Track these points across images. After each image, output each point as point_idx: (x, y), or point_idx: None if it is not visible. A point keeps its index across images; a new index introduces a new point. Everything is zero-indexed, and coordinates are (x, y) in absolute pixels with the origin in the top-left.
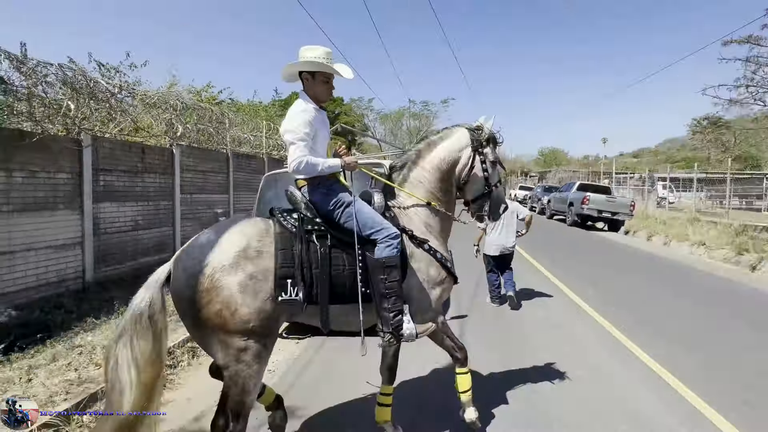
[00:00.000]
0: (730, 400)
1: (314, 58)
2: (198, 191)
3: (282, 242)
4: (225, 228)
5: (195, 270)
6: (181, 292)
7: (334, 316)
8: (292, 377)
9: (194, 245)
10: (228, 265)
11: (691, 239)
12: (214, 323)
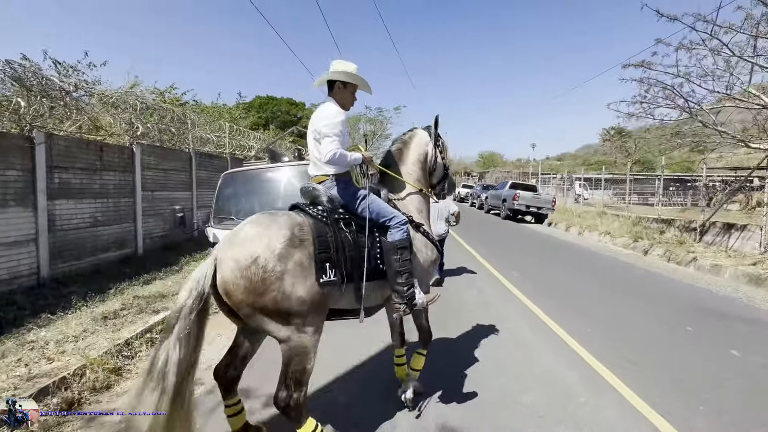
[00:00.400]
0: (618, 360)
1: (353, 71)
2: (160, 188)
3: (317, 230)
4: (266, 222)
5: (248, 262)
6: (236, 283)
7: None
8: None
9: (241, 240)
10: (279, 255)
11: (599, 229)
12: (273, 308)
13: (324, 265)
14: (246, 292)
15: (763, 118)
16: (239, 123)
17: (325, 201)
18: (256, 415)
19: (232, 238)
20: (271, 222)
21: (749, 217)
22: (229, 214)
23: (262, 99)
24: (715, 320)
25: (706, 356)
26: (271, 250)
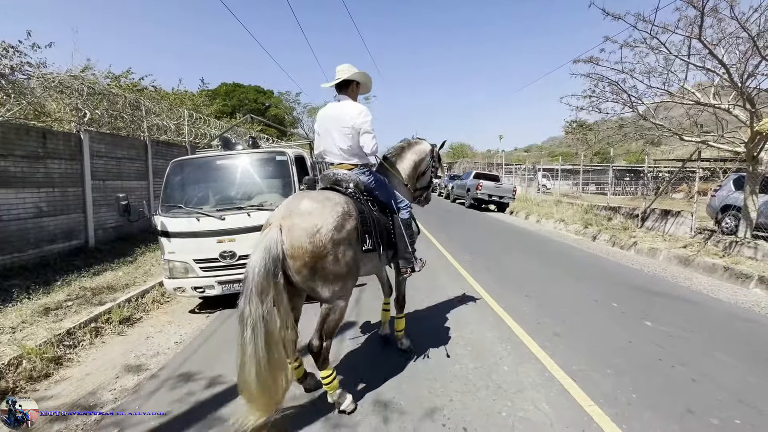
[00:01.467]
0: (546, 333)
1: (365, 74)
2: (113, 178)
3: (358, 207)
4: (320, 198)
5: (314, 230)
6: (303, 248)
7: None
8: (197, 345)
9: (303, 212)
10: (338, 225)
11: (555, 217)
12: (330, 269)
13: (365, 236)
14: (310, 256)
15: (696, 113)
16: (203, 111)
17: (353, 185)
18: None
19: (292, 210)
20: (325, 198)
21: (689, 205)
22: (177, 203)
23: (228, 86)
24: (639, 296)
25: (623, 327)
26: (330, 222)
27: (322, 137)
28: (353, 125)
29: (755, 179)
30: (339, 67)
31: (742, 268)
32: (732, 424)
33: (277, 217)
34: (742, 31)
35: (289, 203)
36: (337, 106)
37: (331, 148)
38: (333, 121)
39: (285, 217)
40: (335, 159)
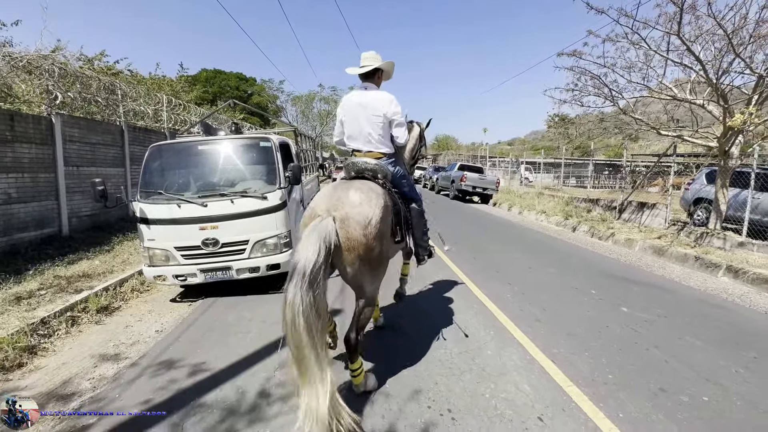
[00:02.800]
0: (528, 319)
1: (392, 63)
2: (87, 164)
3: (392, 200)
4: (365, 189)
5: (366, 222)
6: (359, 240)
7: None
8: (178, 333)
9: (353, 204)
10: (383, 217)
11: (536, 209)
12: (375, 262)
13: (396, 228)
14: (364, 248)
15: (673, 107)
16: (182, 97)
17: (380, 176)
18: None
19: (342, 200)
20: (370, 189)
21: (664, 198)
22: (157, 189)
23: (208, 72)
24: (616, 284)
25: (600, 313)
26: (378, 214)
27: (347, 124)
28: (385, 114)
29: (726, 173)
30: (365, 54)
31: (712, 257)
32: (700, 401)
33: (325, 206)
34: (718, 29)
35: (335, 193)
36: (367, 94)
37: (357, 135)
38: (362, 108)
39: (336, 207)
40: (362, 146)
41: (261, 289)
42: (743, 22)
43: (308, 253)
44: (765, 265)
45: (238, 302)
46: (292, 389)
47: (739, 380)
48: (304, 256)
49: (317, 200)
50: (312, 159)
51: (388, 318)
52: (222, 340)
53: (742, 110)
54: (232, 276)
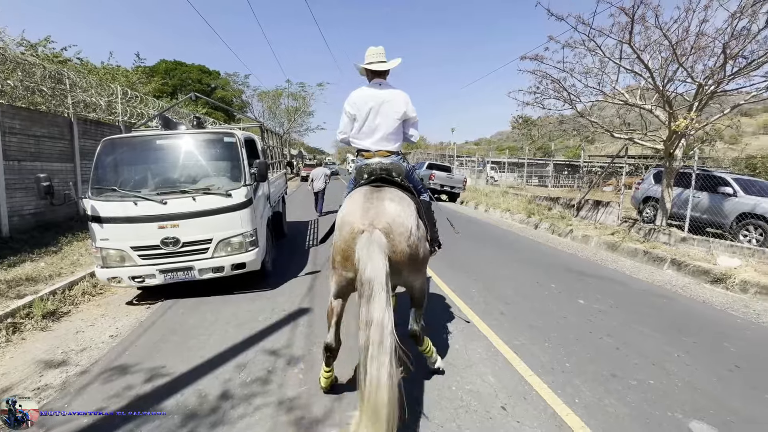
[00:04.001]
0: (492, 312)
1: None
2: (30, 158)
3: (414, 200)
4: (396, 198)
5: (407, 234)
6: (404, 251)
7: None
8: (135, 337)
9: (393, 215)
10: (418, 224)
11: (501, 207)
12: (420, 263)
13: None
14: (408, 257)
15: (625, 112)
16: (139, 89)
17: (396, 174)
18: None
19: (380, 212)
20: (401, 198)
21: (617, 197)
22: (110, 185)
23: (168, 63)
24: (573, 278)
25: (560, 305)
26: (414, 222)
27: (359, 121)
28: (405, 112)
29: (671, 174)
30: (376, 49)
31: (658, 252)
32: (647, 385)
33: (367, 220)
34: (665, 39)
35: (370, 205)
36: (384, 92)
37: (370, 132)
38: (380, 105)
39: (377, 220)
40: (373, 145)
41: (225, 289)
42: (685, 35)
43: (379, 265)
44: (703, 258)
45: (200, 303)
46: (256, 390)
47: (680, 364)
48: (376, 268)
49: (354, 213)
50: (279, 156)
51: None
52: (183, 343)
53: (685, 116)
54: (194, 276)
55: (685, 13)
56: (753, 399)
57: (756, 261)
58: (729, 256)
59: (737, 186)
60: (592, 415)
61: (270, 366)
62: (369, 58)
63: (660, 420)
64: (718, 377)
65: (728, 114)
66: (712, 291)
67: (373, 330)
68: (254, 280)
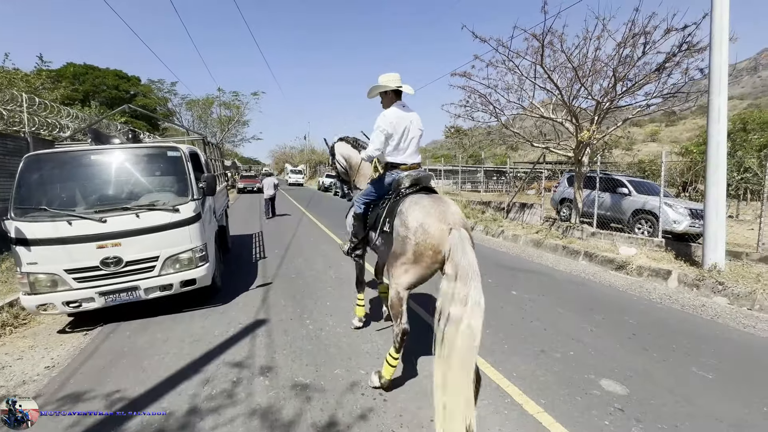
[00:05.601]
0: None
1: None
2: None
3: None
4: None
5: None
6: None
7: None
8: (78, 365)
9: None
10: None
11: None
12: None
13: None
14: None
15: (541, 124)
16: (43, 95)
17: (431, 182)
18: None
19: (455, 214)
20: (450, 201)
21: (539, 199)
22: (38, 205)
23: (77, 67)
24: (507, 273)
25: (496, 297)
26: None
27: (395, 137)
28: (422, 129)
29: (580, 178)
30: (396, 75)
31: (574, 246)
32: (568, 356)
33: (450, 220)
34: (569, 63)
35: (441, 207)
36: (411, 113)
37: (405, 148)
38: (410, 124)
39: (456, 220)
40: (408, 159)
41: (173, 308)
42: (584, 59)
43: (473, 255)
44: (609, 249)
45: (148, 324)
46: (224, 402)
47: (592, 336)
48: (472, 258)
49: (434, 215)
50: (221, 168)
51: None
52: (136, 365)
53: (588, 128)
54: (140, 297)
55: (583, 41)
56: (647, 358)
57: (648, 249)
58: (627, 246)
59: (631, 187)
60: (528, 385)
61: (234, 377)
62: (396, 82)
63: (578, 382)
64: (621, 344)
65: (621, 126)
66: (615, 276)
67: (475, 314)
68: (204, 296)
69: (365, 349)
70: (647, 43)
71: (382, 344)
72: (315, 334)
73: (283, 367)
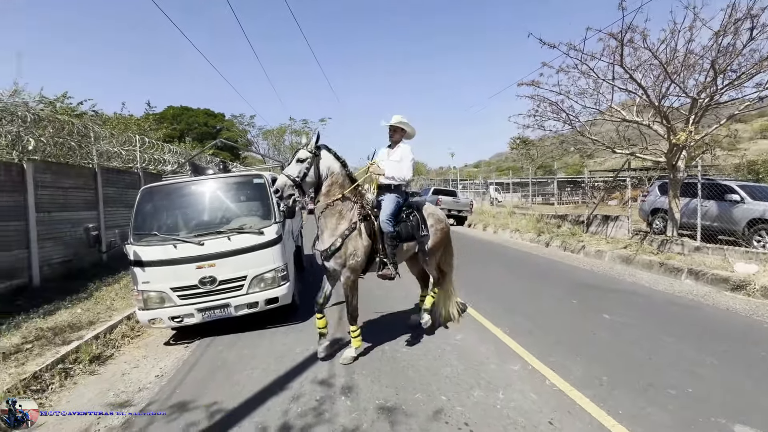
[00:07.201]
0: (520, 331)
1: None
2: (59, 209)
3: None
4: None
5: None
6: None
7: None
8: (182, 376)
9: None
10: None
11: (510, 227)
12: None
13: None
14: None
15: (624, 128)
16: (150, 135)
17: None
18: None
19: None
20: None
21: (623, 210)
22: (150, 231)
23: (175, 109)
24: (594, 293)
25: (585, 320)
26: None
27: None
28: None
29: (676, 185)
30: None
31: (674, 262)
32: (685, 392)
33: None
34: (654, 59)
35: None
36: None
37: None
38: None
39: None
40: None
41: (259, 324)
42: (674, 54)
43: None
44: (720, 266)
45: (236, 340)
46: (312, 420)
47: (714, 370)
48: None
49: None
50: None
51: (383, 340)
52: (228, 379)
53: (683, 128)
54: (231, 313)
55: (670, 34)
56: None
57: None
58: (745, 262)
59: (743, 193)
60: (639, 424)
61: (318, 396)
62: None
63: (704, 426)
64: (755, 381)
65: (725, 123)
66: (733, 298)
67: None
68: (285, 314)
69: (444, 373)
70: (754, 28)
71: (462, 369)
72: (391, 355)
73: (364, 389)
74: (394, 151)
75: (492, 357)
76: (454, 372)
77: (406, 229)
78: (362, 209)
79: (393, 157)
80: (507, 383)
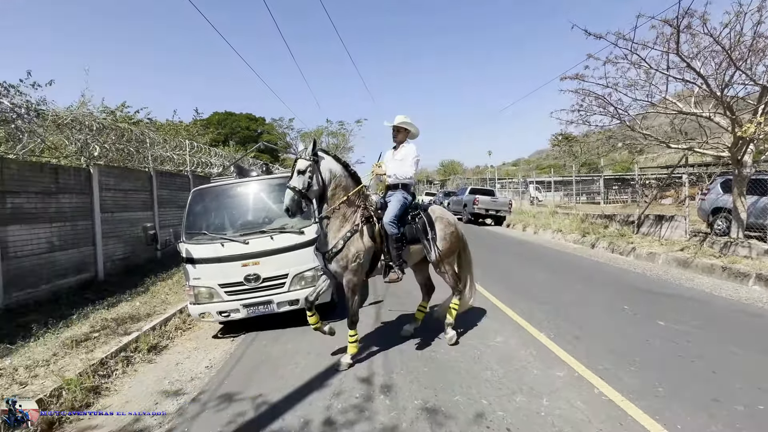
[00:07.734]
0: (566, 336)
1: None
2: (120, 209)
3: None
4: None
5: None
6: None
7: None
8: (229, 368)
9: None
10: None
11: (552, 227)
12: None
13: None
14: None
15: (680, 121)
16: (198, 140)
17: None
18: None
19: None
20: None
21: (679, 209)
22: (200, 230)
23: (220, 115)
24: (647, 298)
25: (637, 327)
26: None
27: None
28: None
29: (742, 181)
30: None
31: (740, 267)
32: (756, 410)
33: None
34: (716, 45)
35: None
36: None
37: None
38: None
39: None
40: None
41: (299, 321)
42: (739, 39)
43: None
44: None
45: (279, 335)
46: (354, 417)
47: None
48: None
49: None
50: None
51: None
52: (273, 373)
53: (751, 120)
54: (273, 310)
55: (735, 17)
56: None
57: None
58: None
59: None
60: None
61: (358, 393)
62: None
63: None
64: None
65: None
66: None
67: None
68: (324, 311)
69: (485, 377)
70: None
71: (503, 373)
72: (429, 356)
73: (402, 388)
74: (398, 151)
75: (534, 362)
76: (495, 376)
77: (411, 232)
78: (365, 211)
79: (397, 157)
80: (551, 390)
